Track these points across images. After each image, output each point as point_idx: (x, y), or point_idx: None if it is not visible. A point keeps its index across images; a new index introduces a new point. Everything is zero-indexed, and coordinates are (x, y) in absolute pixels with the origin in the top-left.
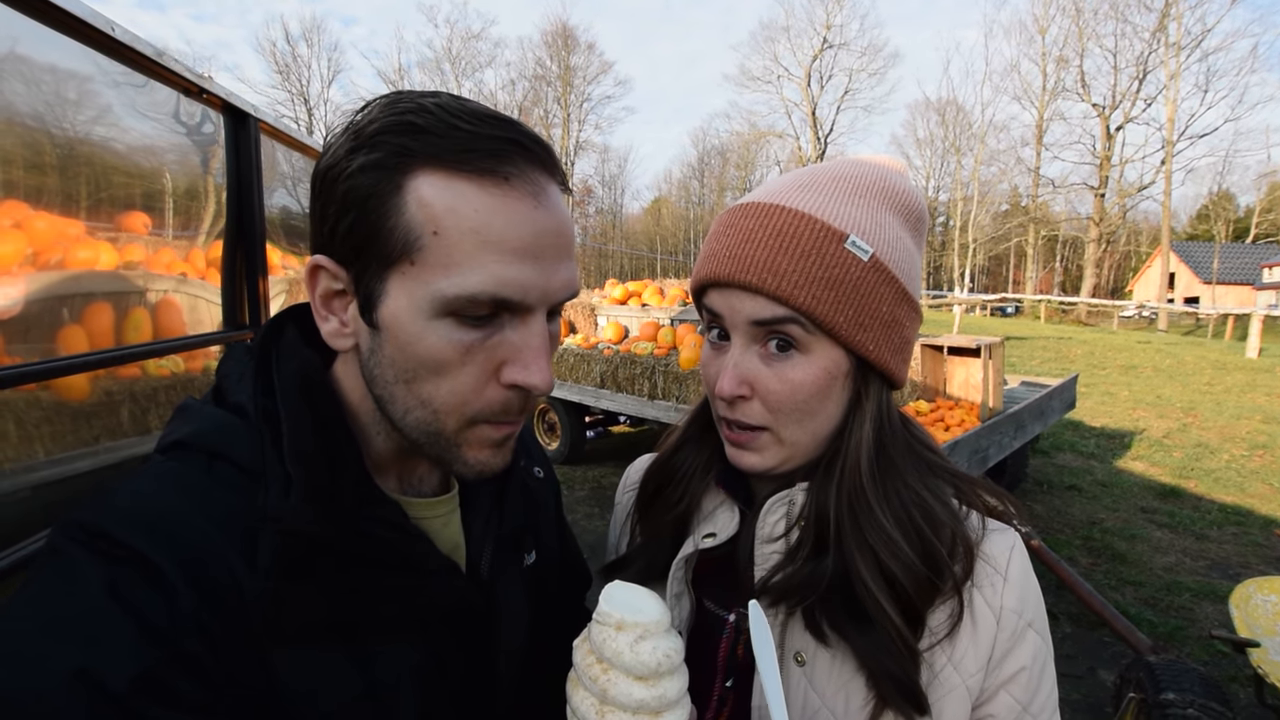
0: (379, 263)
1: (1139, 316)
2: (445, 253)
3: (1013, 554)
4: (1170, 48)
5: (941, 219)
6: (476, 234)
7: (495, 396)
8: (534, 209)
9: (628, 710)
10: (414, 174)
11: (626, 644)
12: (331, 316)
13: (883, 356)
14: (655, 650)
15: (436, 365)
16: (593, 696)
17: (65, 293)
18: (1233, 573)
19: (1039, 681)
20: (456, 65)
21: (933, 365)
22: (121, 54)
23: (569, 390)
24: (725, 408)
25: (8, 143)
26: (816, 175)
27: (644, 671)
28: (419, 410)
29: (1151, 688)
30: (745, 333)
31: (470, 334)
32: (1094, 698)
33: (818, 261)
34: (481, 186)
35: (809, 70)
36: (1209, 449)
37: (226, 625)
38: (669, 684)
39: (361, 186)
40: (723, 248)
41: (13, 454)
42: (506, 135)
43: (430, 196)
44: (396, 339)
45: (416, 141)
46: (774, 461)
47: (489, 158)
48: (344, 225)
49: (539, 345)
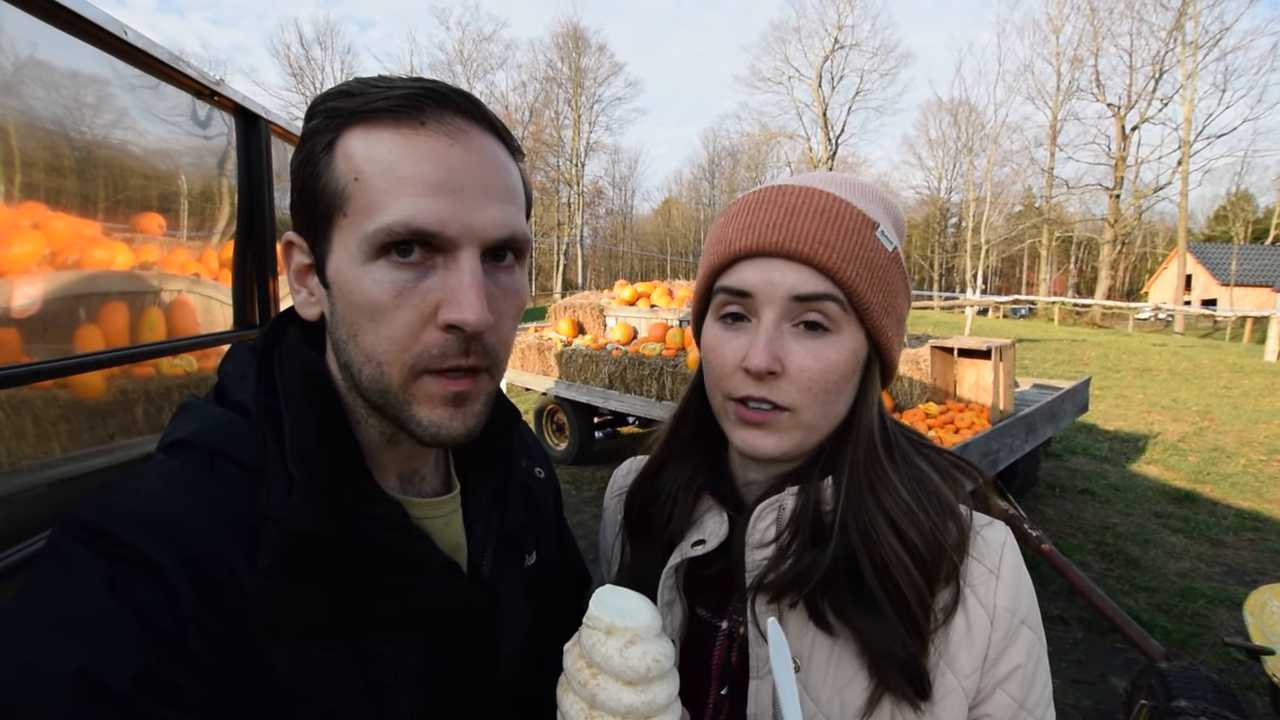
0: (323, 222)
1: (1155, 319)
2: (366, 195)
3: (1004, 550)
4: (1187, 46)
5: (954, 220)
6: (391, 172)
7: (432, 339)
8: (449, 146)
9: (617, 715)
10: (343, 134)
11: (616, 649)
12: (302, 288)
13: (892, 346)
14: (645, 655)
15: (372, 309)
16: (582, 701)
17: (82, 292)
18: (1249, 579)
19: (1034, 677)
20: (468, 67)
21: (943, 367)
22: (136, 58)
23: (577, 391)
24: (749, 384)
25: (27, 146)
26: (832, 177)
27: (633, 676)
28: (368, 366)
29: (1163, 695)
30: (780, 308)
31: (401, 274)
32: (1105, 704)
33: (859, 242)
34: (396, 130)
35: (820, 71)
36: (1225, 453)
37: (227, 624)
38: (659, 689)
39: (303, 155)
40: (764, 219)
41: (30, 451)
42: (424, 86)
43: (353, 148)
44: (340, 290)
45: (346, 103)
46: (789, 445)
47: (403, 105)
48: (294, 195)
49: (470, 282)
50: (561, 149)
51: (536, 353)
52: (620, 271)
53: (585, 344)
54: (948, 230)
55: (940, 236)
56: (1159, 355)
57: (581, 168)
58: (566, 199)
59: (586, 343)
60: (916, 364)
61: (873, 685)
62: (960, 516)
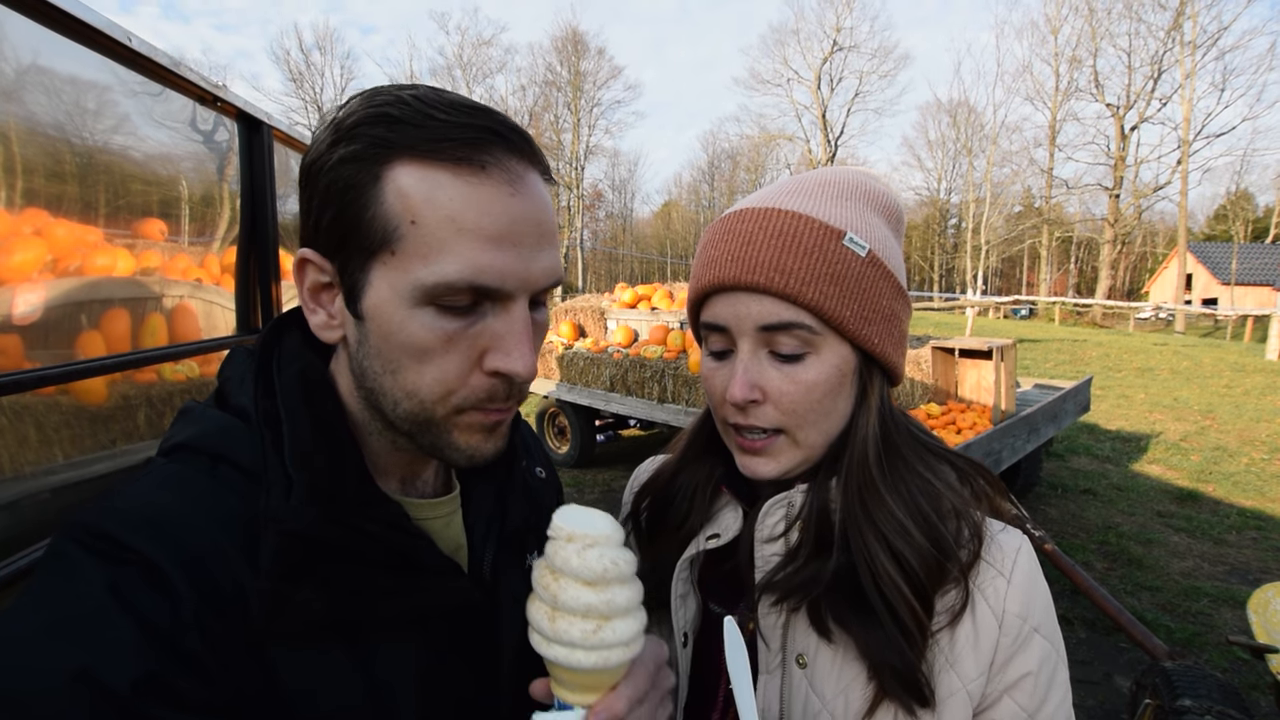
0: (361, 253)
1: (1156, 318)
2: (423, 241)
3: (1019, 556)
4: (1186, 46)
5: (954, 221)
6: (453, 222)
7: (479, 384)
8: (510, 196)
9: (577, 614)
10: (391, 165)
11: (574, 552)
12: (319, 309)
13: (885, 350)
14: (602, 558)
15: (419, 353)
16: (545, 605)
17: (84, 299)
18: (1252, 578)
19: (1047, 690)
20: (468, 71)
21: (944, 368)
22: (138, 64)
23: (579, 394)
24: (737, 414)
25: (29, 152)
26: (803, 182)
27: (591, 577)
28: (407, 402)
29: (1167, 694)
30: (753, 338)
31: (452, 322)
32: (1110, 704)
33: (821, 258)
34: (457, 175)
35: (819, 73)
36: (1228, 452)
37: (228, 626)
38: (618, 591)
39: (341, 179)
40: (723, 253)
41: (33, 457)
42: (482, 124)
43: (408, 187)
44: (380, 329)
45: (393, 132)
46: (789, 465)
47: (465, 146)
48: (326, 218)
49: (521, 331)
50: (561, 152)
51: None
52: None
53: (586, 347)
54: (947, 231)
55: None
56: (1160, 355)
57: (581, 171)
58: (566, 202)
59: (587, 346)
60: (918, 364)
61: (874, 689)
62: (973, 520)
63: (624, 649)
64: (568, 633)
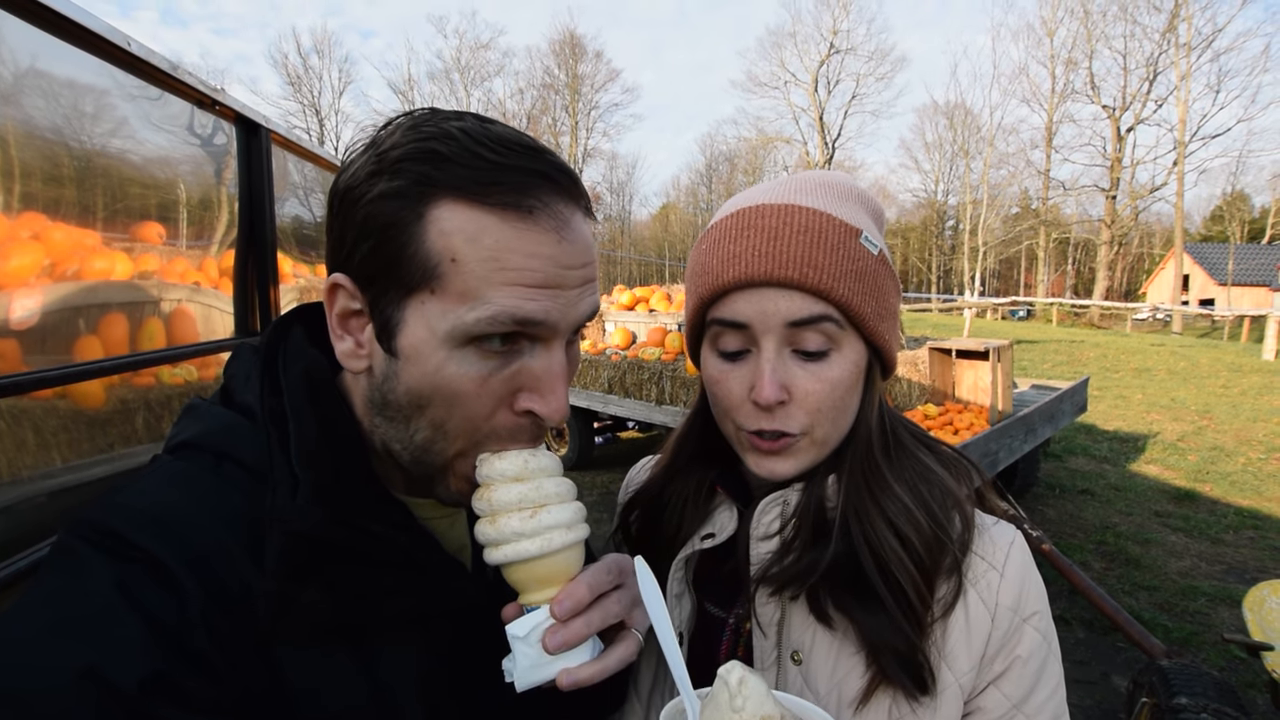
0: (398, 289)
1: (1153, 319)
2: (465, 282)
3: (1011, 549)
4: (1181, 48)
5: (951, 223)
6: (496, 262)
7: (505, 422)
8: (558, 243)
9: (512, 508)
10: (436, 203)
11: (495, 459)
12: (347, 336)
13: (891, 346)
14: (519, 455)
15: (454, 395)
16: (486, 517)
17: (82, 303)
18: (1249, 577)
19: (1035, 680)
20: (465, 75)
21: (941, 369)
22: (137, 68)
23: (577, 396)
24: (760, 418)
25: (27, 156)
26: (804, 182)
27: (515, 472)
28: (427, 431)
29: (1164, 692)
30: (779, 336)
31: (490, 363)
32: (1107, 704)
33: (845, 255)
34: (504, 219)
35: (816, 76)
36: (1225, 452)
37: (234, 625)
38: (545, 481)
39: (383, 213)
40: (746, 248)
41: (31, 461)
42: (532, 167)
43: (451, 227)
44: (417, 368)
45: (440, 171)
46: (807, 464)
47: (512, 191)
48: (363, 249)
49: (558, 373)
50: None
51: None
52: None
53: (584, 349)
54: (945, 233)
55: (937, 239)
56: (1157, 355)
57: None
58: None
59: (585, 348)
60: (915, 365)
61: (870, 676)
62: (966, 511)
63: (565, 531)
64: (509, 525)
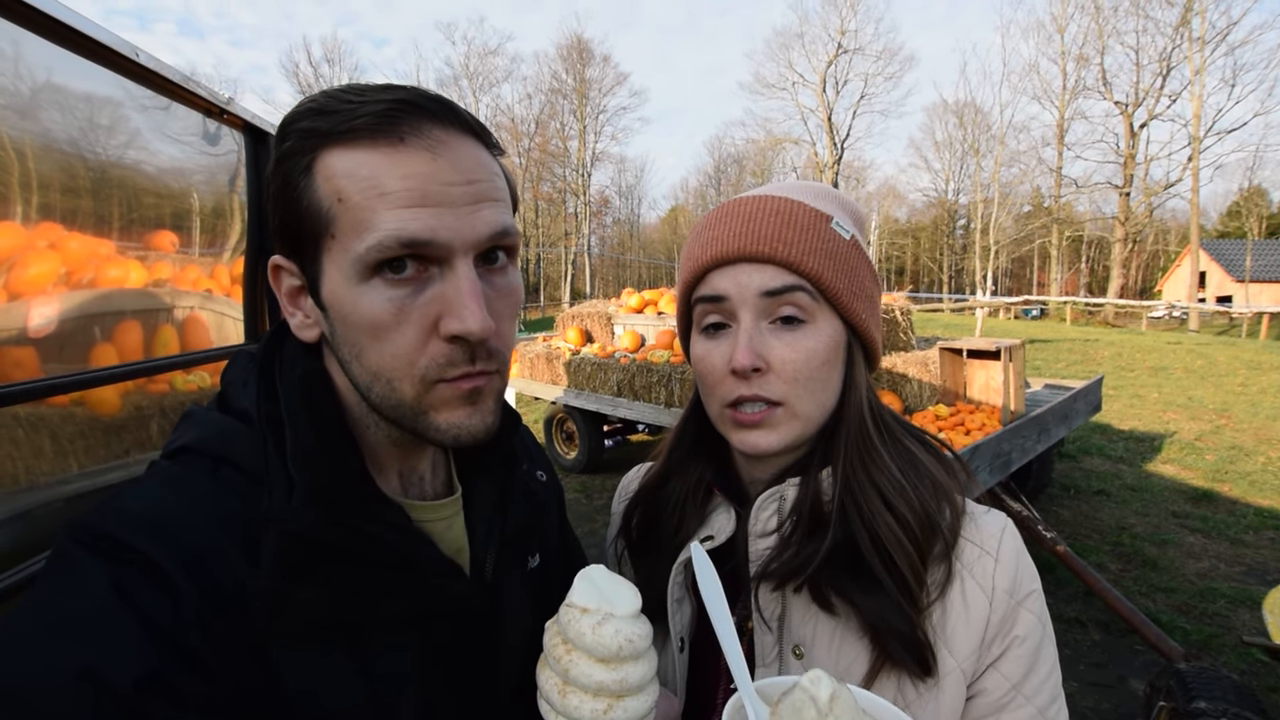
0: (310, 245)
1: (1169, 317)
2: (353, 215)
3: (1004, 535)
4: (1194, 42)
5: (962, 222)
6: (374, 189)
7: (438, 351)
8: (432, 160)
9: (588, 692)
10: (319, 155)
11: (589, 626)
12: (296, 310)
13: (869, 328)
14: (617, 634)
15: (373, 329)
16: (556, 676)
17: (97, 311)
18: (1270, 578)
19: (1033, 660)
20: (474, 81)
21: (952, 369)
22: (147, 79)
23: (586, 399)
24: (740, 385)
25: (44, 168)
26: (782, 184)
27: (604, 654)
28: (376, 384)
29: (1182, 696)
30: (754, 307)
31: (398, 291)
32: (1124, 707)
33: (816, 235)
34: (376, 149)
35: (824, 76)
36: (1244, 451)
37: (230, 626)
38: (631, 669)
39: (281, 179)
40: (723, 231)
41: (49, 467)
42: (395, 98)
43: (333, 171)
44: (339, 313)
45: (318, 122)
46: (789, 438)
47: (380, 120)
48: (277, 219)
49: (467, 291)
50: (567, 160)
51: (545, 362)
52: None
53: (593, 352)
54: (956, 232)
55: (949, 239)
56: (1174, 353)
57: (588, 178)
58: (573, 209)
59: (594, 351)
60: (925, 366)
61: (873, 659)
62: (952, 497)
63: None
64: (578, 710)
